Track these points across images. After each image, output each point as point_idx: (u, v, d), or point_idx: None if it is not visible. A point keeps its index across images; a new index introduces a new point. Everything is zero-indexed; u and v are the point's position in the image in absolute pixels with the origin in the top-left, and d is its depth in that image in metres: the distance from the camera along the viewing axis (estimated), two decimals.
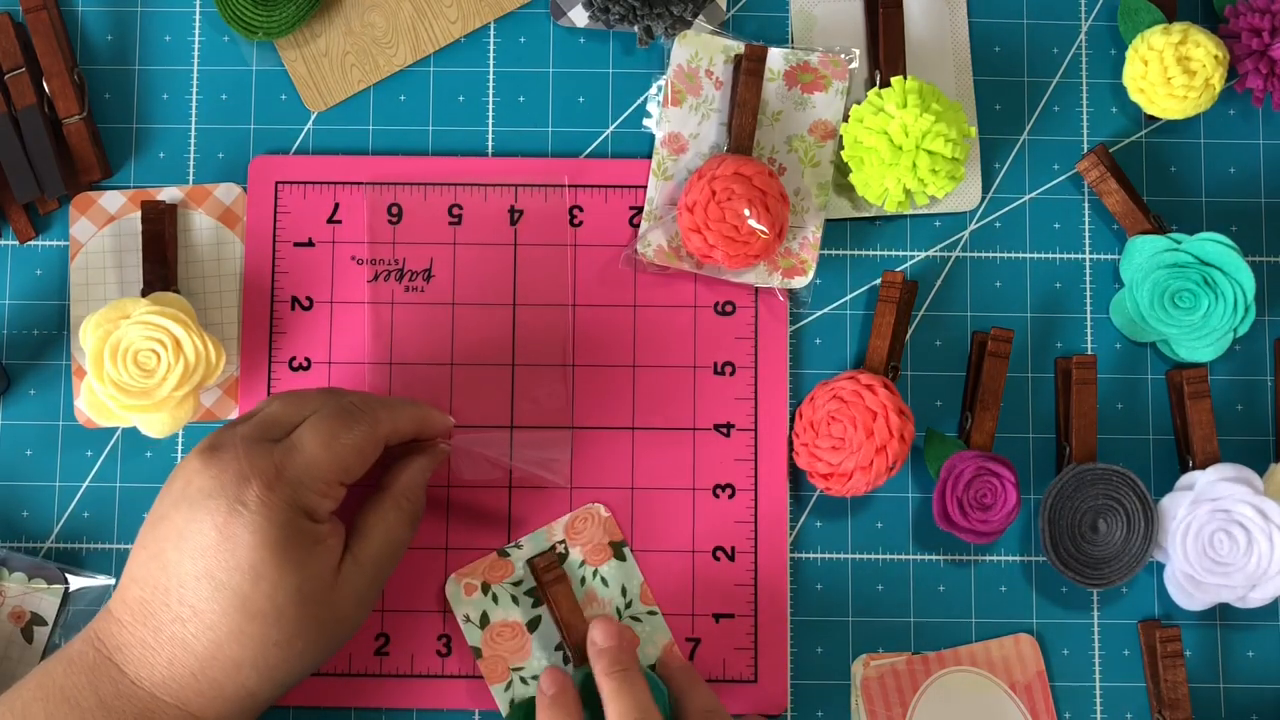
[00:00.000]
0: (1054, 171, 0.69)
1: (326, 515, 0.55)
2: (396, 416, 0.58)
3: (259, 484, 0.53)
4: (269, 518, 0.52)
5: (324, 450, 0.55)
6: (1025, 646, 0.66)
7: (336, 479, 0.55)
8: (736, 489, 0.66)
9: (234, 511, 0.52)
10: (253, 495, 0.52)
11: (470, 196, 0.68)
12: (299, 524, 0.53)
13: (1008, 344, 0.66)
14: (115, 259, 0.67)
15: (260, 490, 0.53)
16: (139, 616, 0.53)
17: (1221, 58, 0.66)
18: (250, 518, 0.52)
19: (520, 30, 0.70)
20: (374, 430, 0.57)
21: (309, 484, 0.54)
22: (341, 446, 0.55)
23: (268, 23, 0.67)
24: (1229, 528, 0.63)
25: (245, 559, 0.52)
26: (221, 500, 0.52)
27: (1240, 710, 0.66)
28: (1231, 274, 0.65)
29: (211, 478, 0.53)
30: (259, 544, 0.52)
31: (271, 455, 0.54)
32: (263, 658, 0.53)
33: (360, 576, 0.56)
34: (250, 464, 0.53)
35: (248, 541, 0.52)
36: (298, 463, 0.54)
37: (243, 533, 0.52)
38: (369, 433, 0.56)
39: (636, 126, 0.69)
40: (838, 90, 0.67)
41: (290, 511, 0.53)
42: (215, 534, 0.52)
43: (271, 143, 0.69)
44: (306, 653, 0.54)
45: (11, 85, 0.66)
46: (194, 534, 0.52)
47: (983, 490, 0.64)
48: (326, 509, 0.55)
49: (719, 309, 0.67)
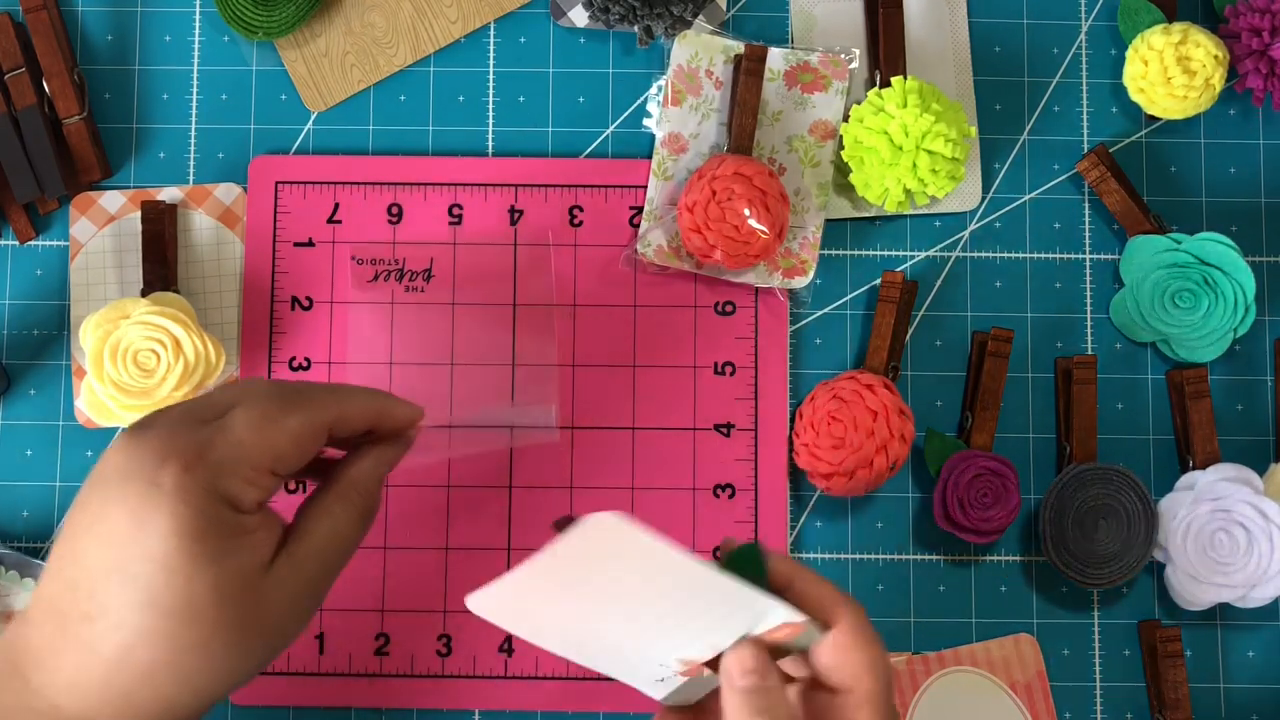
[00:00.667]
0: (1054, 171, 0.69)
1: (254, 505, 0.49)
2: (345, 403, 0.52)
3: (176, 464, 0.47)
4: (185, 502, 0.46)
5: (253, 432, 0.49)
6: (1025, 646, 0.66)
7: (266, 466, 0.49)
8: (736, 489, 0.66)
9: (148, 495, 0.46)
10: (169, 476, 0.46)
11: (470, 196, 0.68)
12: (219, 512, 0.47)
13: (1008, 344, 0.66)
14: (115, 259, 0.67)
15: (177, 471, 0.47)
16: (48, 615, 0.48)
17: (1221, 58, 0.66)
18: (165, 501, 0.46)
19: (520, 30, 0.70)
20: (314, 415, 0.50)
21: (234, 469, 0.48)
22: (275, 430, 0.49)
23: (268, 23, 0.67)
24: (1229, 528, 0.63)
25: (158, 548, 0.46)
26: (136, 482, 0.47)
27: (1240, 710, 0.66)
28: (1231, 274, 0.65)
29: (129, 457, 0.48)
30: (172, 531, 0.46)
31: (196, 435, 0.48)
32: (178, 663, 0.47)
33: (295, 576, 0.50)
34: (170, 443, 0.47)
35: (161, 528, 0.46)
36: (223, 444, 0.48)
37: (156, 518, 0.46)
38: (307, 417, 0.50)
39: (636, 126, 0.69)
40: (838, 90, 0.67)
41: (209, 498, 0.47)
42: (127, 520, 0.46)
43: (271, 143, 0.69)
44: (229, 659, 0.48)
45: (11, 85, 0.66)
46: (106, 520, 0.47)
47: (983, 490, 0.64)
48: (253, 498, 0.49)
49: (719, 309, 0.67)
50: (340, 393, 0.52)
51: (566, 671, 0.65)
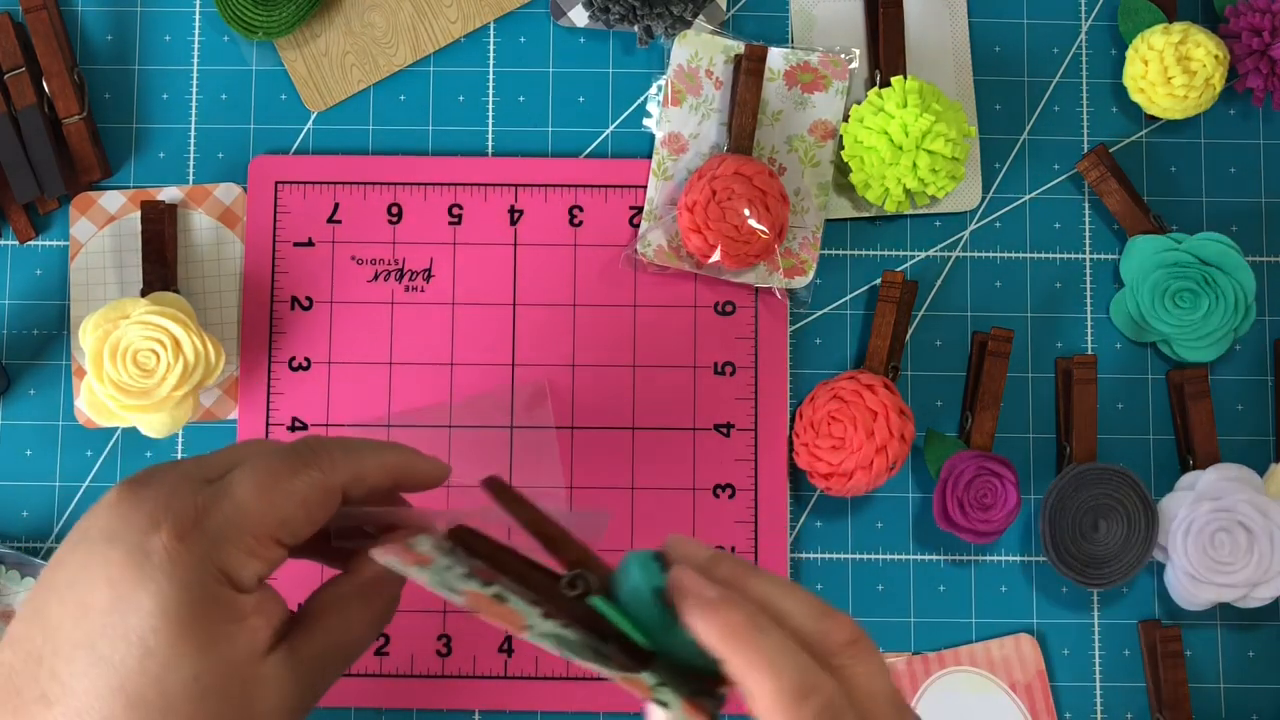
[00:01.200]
0: (1054, 171, 0.69)
1: (253, 581, 0.43)
2: (361, 462, 0.46)
3: (169, 531, 0.41)
4: (174, 576, 0.41)
5: (257, 496, 0.43)
6: (1025, 646, 0.66)
7: (270, 534, 0.43)
8: (736, 489, 0.66)
9: (133, 563, 0.41)
10: (159, 545, 0.41)
11: (470, 196, 0.68)
12: (213, 590, 0.41)
13: (1008, 344, 0.66)
14: (115, 259, 0.67)
15: (169, 539, 0.41)
16: (3, 690, 0.42)
17: (1221, 58, 0.66)
18: (152, 573, 0.41)
19: (520, 30, 0.70)
20: (326, 476, 0.44)
21: (234, 538, 0.42)
22: (281, 494, 0.43)
23: (268, 23, 0.67)
24: (1230, 527, 0.63)
25: (136, 627, 0.40)
26: (122, 547, 0.41)
27: (1240, 710, 0.66)
28: (1231, 274, 0.65)
29: (118, 517, 0.42)
30: (156, 610, 0.40)
31: (194, 496, 0.43)
32: None
33: (292, 675, 0.43)
34: (165, 505, 0.42)
35: (143, 606, 0.40)
36: (224, 509, 0.43)
37: (138, 594, 0.41)
38: (318, 479, 0.44)
39: (636, 126, 0.69)
40: (838, 90, 0.67)
41: (203, 572, 0.41)
42: (106, 590, 0.41)
43: (271, 143, 0.69)
44: None
45: (11, 85, 0.66)
46: (83, 587, 0.41)
47: (983, 490, 0.64)
48: (254, 573, 0.43)
49: (719, 309, 0.67)
50: (356, 450, 0.46)
51: (566, 671, 0.65)
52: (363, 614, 0.46)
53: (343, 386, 0.66)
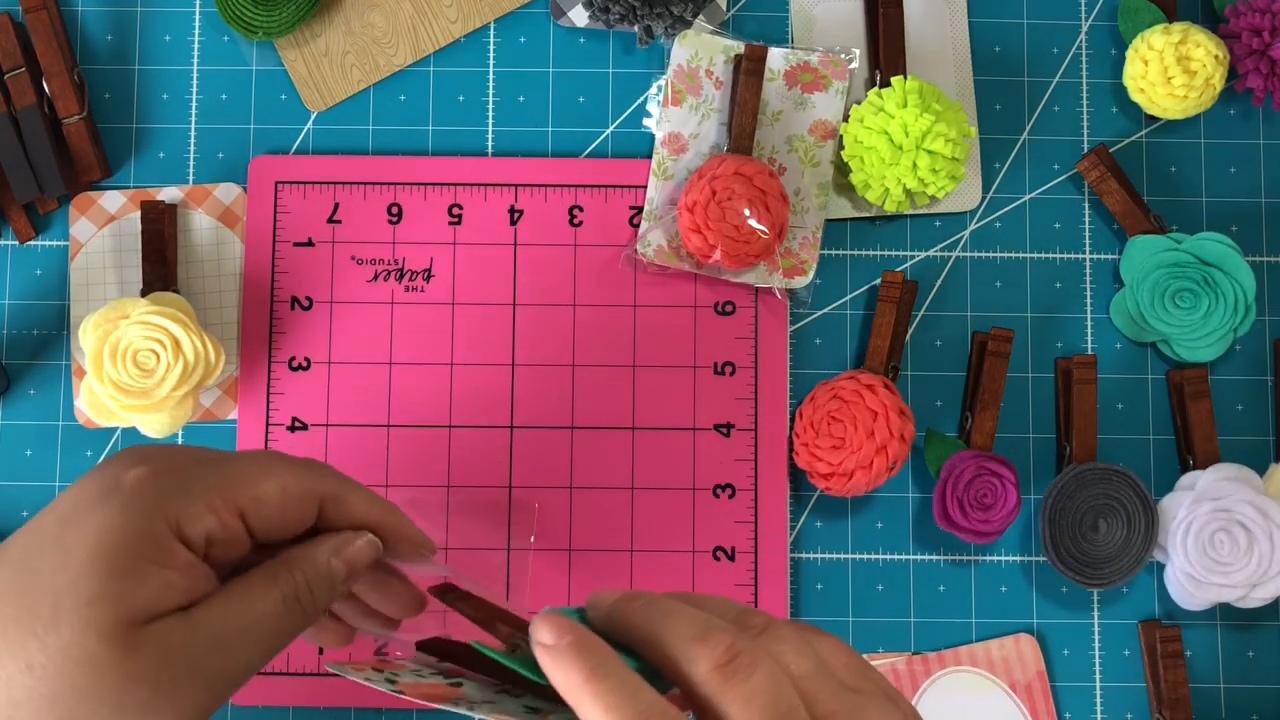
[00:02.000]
0: (1054, 171, 0.69)
1: (200, 542, 0.42)
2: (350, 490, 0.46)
3: (147, 467, 0.42)
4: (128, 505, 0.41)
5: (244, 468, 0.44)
6: (1025, 646, 0.66)
7: (238, 504, 0.43)
8: (736, 489, 0.66)
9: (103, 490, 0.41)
10: (132, 476, 0.42)
11: (470, 196, 0.68)
12: (155, 529, 0.41)
13: (1008, 344, 0.66)
14: (115, 259, 0.67)
15: (143, 473, 0.42)
16: None
17: (1221, 58, 0.66)
18: (111, 499, 0.41)
19: (520, 30, 0.70)
20: (313, 480, 0.45)
21: (203, 492, 0.42)
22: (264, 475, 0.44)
23: (268, 23, 0.67)
24: (1229, 527, 0.63)
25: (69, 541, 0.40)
26: (99, 477, 0.42)
27: (1240, 710, 0.66)
28: (1231, 274, 0.65)
29: (113, 458, 0.43)
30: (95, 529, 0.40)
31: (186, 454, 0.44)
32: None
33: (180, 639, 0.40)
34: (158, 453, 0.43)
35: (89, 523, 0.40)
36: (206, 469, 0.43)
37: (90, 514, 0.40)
38: (305, 479, 0.45)
39: (636, 126, 0.69)
40: (838, 90, 0.67)
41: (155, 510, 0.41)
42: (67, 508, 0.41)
43: (271, 143, 0.69)
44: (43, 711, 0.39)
45: (11, 85, 0.66)
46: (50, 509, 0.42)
47: (983, 490, 0.64)
48: (203, 530, 0.42)
49: (719, 309, 0.67)
50: (350, 483, 0.47)
51: None
52: (266, 594, 0.43)
53: (343, 386, 0.66)
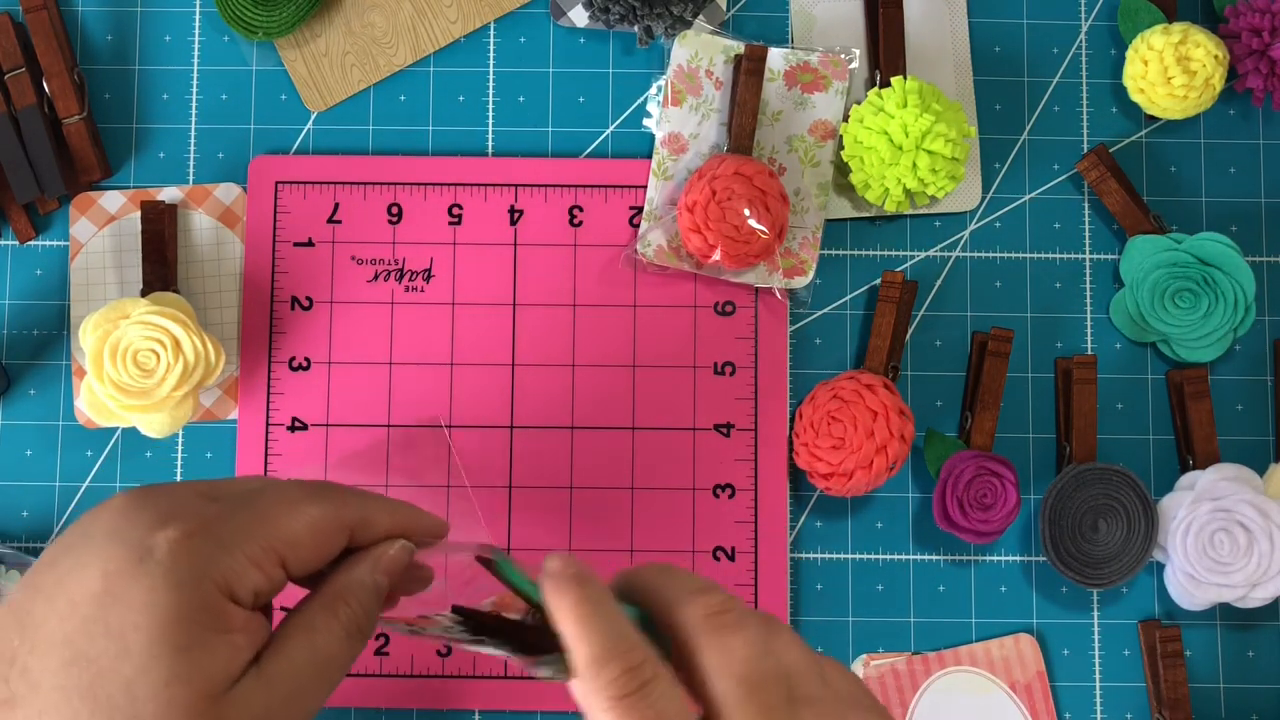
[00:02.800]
0: (1054, 171, 0.69)
1: (250, 597, 0.41)
2: (372, 507, 0.46)
3: (177, 529, 0.40)
4: (171, 574, 0.39)
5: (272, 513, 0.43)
6: (1025, 646, 0.66)
7: (277, 551, 0.42)
8: (736, 489, 0.66)
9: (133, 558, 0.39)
10: (164, 541, 0.40)
11: (470, 196, 0.68)
12: (207, 595, 0.40)
13: (1008, 344, 0.66)
14: (115, 259, 0.67)
15: (176, 536, 0.40)
16: None
17: (1221, 58, 0.66)
18: (150, 569, 0.39)
19: (520, 30, 0.70)
20: (339, 510, 0.45)
21: (241, 544, 0.41)
22: (295, 514, 0.43)
23: (268, 23, 0.67)
24: (1229, 527, 0.63)
25: (118, 624, 0.38)
26: (123, 543, 0.40)
27: (1240, 710, 0.66)
28: (1231, 274, 0.65)
29: (122, 515, 0.41)
30: (144, 606, 0.39)
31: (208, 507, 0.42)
32: None
33: (264, 699, 0.41)
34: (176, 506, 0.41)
35: (133, 601, 0.39)
36: (236, 518, 0.42)
37: (131, 588, 0.39)
38: (331, 510, 0.44)
39: (636, 126, 0.69)
40: (838, 90, 0.67)
41: (202, 575, 0.40)
42: (99, 583, 0.39)
43: (271, 143, 0.69)
44: None
45: (11, 85, 0.66)
46: (73, 583, 0.39)
47: (983, 490, 0.64)
48: (251, 586, 0.41)
49: (719, 309, 0.67)
50: (368, 497, 0.47)
51: None
52: (331, 630, 0.44)
53: (343, 386, 0.66)
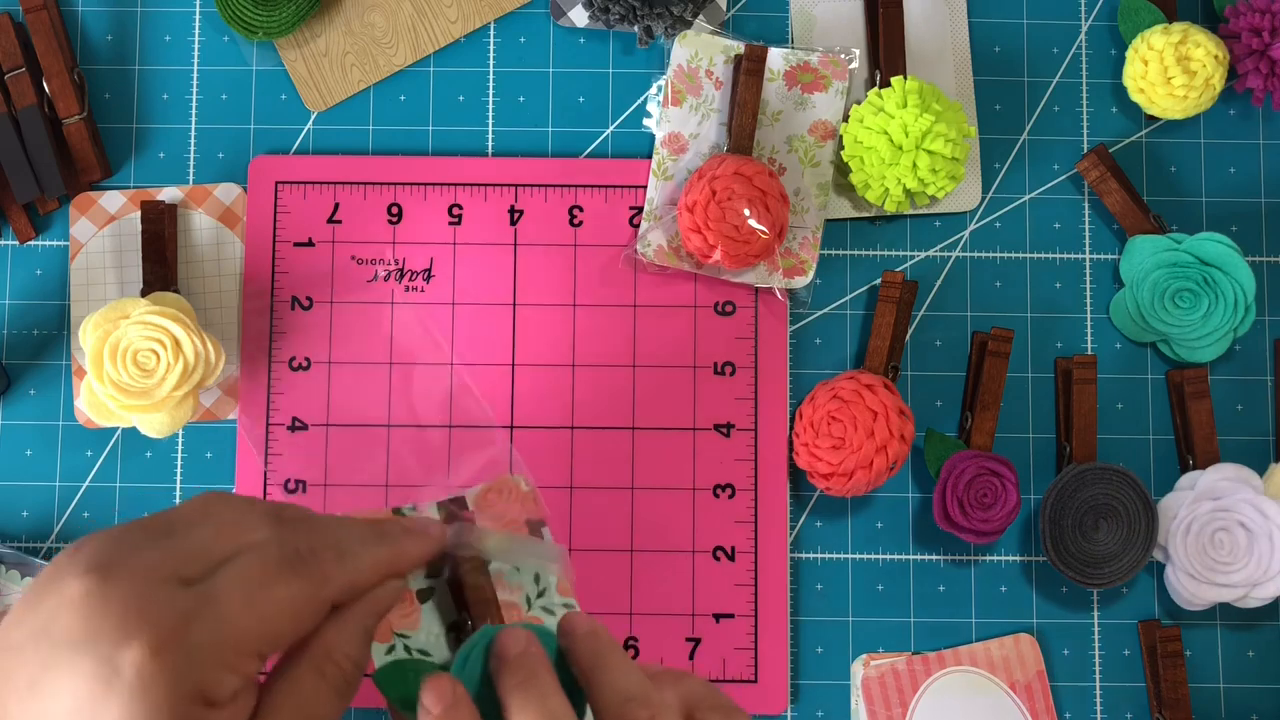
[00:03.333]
0: (1054, 171, 0.69)
1: (228, 696, 0.39)
2: (355, 569, 0.44)
3: (144, 645, 0.37)
4: (145, 698, 0.37)
5: (245, 608, 0.40)
6: (1025, 646, 0.66)
7: (254, 648, 0.40)
8: (736, 489, 0.66)
9: (100, 677, 0.37)
10: (130, 661, 0.37)
11: (470, 196, 0.68)
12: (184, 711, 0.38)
13: (1008, 344, 0.66)
14: (115, 259, 0.67)
15: (143, 655, 0.37)
16: None
17: (1221, 58, 0.66)
18: (120, 690, 0.37)
19: (520, 30, 0.70)
20: (318, 588, 0.42)
21: (215, 653, 0.39)
22: (271, 603, 0.40)
23: (268, 23, 0.67)
24: (1229, 527, 0.63)
25: None
26: (89, 658, 0.37)
27: (1240, 710, 0.66)
28: (1231, 274, 0.65)
29: (84, 619, 0.38)
30: None
31: (175, 604, 0.39)
32: None
33: None
34: (140, 612, 0.38)
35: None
36: (207, 622, 0.39)
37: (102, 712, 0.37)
38: (310, 591, 0.42)
39: (636, 126, 0.69)
40: (838, 90, 0.67)
41: (176, 692, 0.38)
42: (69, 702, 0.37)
43: (271, 143, 0.69)
44: None
45: (11, 85, 0.66)
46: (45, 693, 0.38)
47: (983, 490, 0.64)
48: (230, 689, 0.39)
49: (719, 309, 0.67)
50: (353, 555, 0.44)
51: None
52: (319, 691, 0.42)
53: (343, 386, 0.66)
